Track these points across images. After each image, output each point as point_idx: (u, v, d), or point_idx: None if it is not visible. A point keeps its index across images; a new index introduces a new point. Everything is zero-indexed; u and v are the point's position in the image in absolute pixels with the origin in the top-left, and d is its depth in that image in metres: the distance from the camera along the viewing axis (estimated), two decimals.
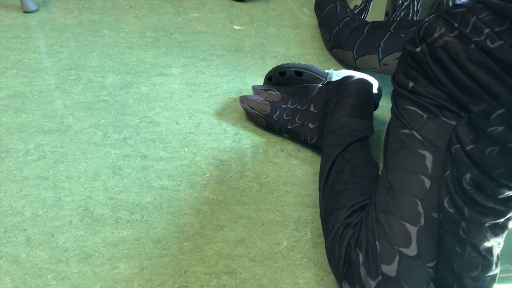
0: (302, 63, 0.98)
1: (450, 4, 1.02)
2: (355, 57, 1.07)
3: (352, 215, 0.66)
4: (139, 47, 1.23)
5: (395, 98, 0.70)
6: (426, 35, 0.65)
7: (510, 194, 0.55)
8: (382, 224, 0.61)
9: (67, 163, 0.86)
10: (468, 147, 0.56)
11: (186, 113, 1.00)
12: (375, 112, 1.00)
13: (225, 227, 0.76)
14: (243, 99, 0.96)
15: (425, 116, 0.65)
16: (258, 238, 0.74)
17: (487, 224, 0.56)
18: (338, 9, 1.22)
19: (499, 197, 0.54)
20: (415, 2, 1.05)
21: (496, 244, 0.59)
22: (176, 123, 0.97)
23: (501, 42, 0.56)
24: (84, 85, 1.07)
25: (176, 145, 0.92)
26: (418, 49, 0.65)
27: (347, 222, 0.65)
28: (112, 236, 0.73)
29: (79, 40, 1.24)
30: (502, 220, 0.56)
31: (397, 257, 0.58)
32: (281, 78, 0.97)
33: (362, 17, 1.22)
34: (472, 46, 0.59)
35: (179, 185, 0.83)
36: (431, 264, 0.60)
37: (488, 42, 0.57)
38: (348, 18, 1.16)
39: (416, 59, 0.66)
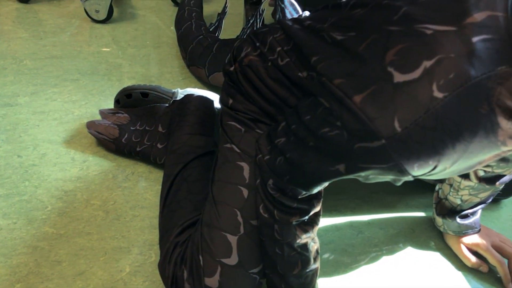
0: (148, 84, 0.98)
1: None
2: (207, 74, 1.10)
3: (182, 233, 0.67)
4: None
5: (221, 115, 0.73)
6: (236, 55, 0.68)
7: (308, 194, 0.59)
8: (205, 237, 0.62)
9: None
10: (266, 157, 0.60)
11: (30, 144, 0.94)
12: None
13: (63, 262, 0.72)
14: (90, 125, 0.94)
15: (243, 130, 0.68)
16: (100, 268, 0.72)
17: (294, 223, 0.60)
18: (193, 27, 1.25)
19: (299, 197, 0.59)
20: (258, 20, 1.11)
21: (309, 240, 0.63)
22: (18, 156, 0.91)
23: (287, 60, 0.61)
24: None
25: (16, 180, 0.86)
26: (232, 68, 0.69)
27: (177, 240, 0.66)
28: None
29: None
30: (307, 217, 0.61)
31: (219, 268, 0.60)
32: (128, 100, 0.96)
33: (216, 34, 1.26)
34: (269, 63, 0.64)
35: (15, 223, 0.78)
36: (255, 270, 0.63)
37: (279, 60, 0.62)
38: (202, 36, 1.19)
39: (232, 78, 0.69)
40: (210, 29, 1.27)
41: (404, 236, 0.83)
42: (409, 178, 0.49)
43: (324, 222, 0.84)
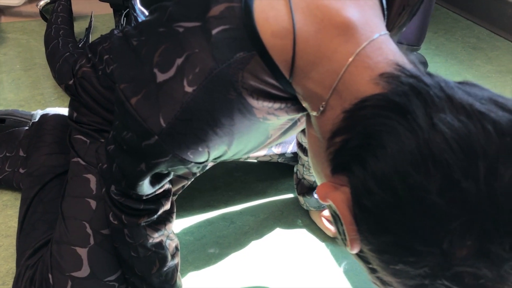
0: (5, 108, 0.94)
1: None
2: None
3: (33, 255, 0.66)
4: None
5: (70, 131, 0.72)
6: (73, 68, 0.69)
7: (153, 194, 0.61)
8: (54, 255, 0.62)
9: None
10: (105, 165, 0.61)
11: None
12: None
13: None
14: None
15: (88, 141, 0.68)
16: None
17: (143, 224, 0.61)
18: (60, 45, 1.22)
19: (145, 198, 0.60)
20: None
21: (164, 238, 0.65)
22: None
23: (113, 65, 0.62)
24: None
25: None
26: (71, 82, 0.69)
27: (28, 263, 0.65)
28: None
29: None
30: (155, 216, 0.62)
31: (70, 283, 0.60)
32: None
33: None
34: (100, 73, 0.65)
35: None
36: (111, 278, 0.63)
37: (106, 68, 0.63)
38: (68, 53, 1.16)
39: (72, 91, 0.69)
40: (80, 45, 1.25)
41: (274, 219, 0.88)
42: (196, 165, 0.52)
43: (198, 218, 0.87)
